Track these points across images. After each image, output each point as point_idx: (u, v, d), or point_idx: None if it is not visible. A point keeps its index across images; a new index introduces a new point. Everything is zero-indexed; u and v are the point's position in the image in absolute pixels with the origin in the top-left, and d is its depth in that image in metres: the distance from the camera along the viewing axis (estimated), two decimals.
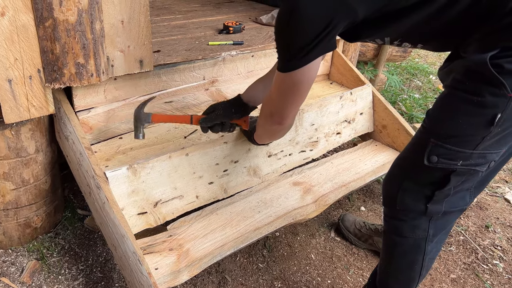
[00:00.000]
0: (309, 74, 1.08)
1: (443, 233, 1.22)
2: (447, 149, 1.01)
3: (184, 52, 1.86)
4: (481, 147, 0.99)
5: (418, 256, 1.23)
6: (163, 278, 1.34)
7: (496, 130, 0.95)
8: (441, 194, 1.10)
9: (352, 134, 2.18)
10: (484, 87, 0.93)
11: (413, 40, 1.11)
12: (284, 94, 1.16)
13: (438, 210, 1.13)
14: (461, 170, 1.04)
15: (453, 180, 1.06)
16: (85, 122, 1.61)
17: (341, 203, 2.13)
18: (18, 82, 1.35)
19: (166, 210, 1.54)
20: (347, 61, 2.32)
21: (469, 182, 1.10)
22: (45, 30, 1.30)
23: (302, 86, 1.12)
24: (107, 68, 1.51)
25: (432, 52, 4.81)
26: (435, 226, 1.17)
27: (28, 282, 1.55)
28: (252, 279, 1.67)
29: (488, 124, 0.94)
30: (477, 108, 0.96)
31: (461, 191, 1.11)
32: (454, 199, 1.12)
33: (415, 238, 1.20)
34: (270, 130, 1.39)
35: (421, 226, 1.17)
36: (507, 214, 2.20)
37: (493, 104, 0.93)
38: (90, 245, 1.75)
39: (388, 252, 1.32)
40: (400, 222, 1.21)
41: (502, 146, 1.02)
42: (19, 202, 1.61)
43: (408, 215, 1.18)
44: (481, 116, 0.96)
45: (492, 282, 1.76)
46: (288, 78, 1.10)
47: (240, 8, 2.87)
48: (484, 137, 0.97)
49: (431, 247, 1.21)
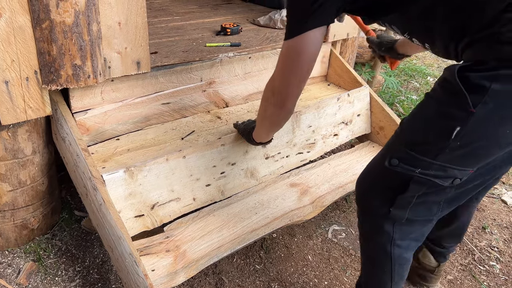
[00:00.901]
0: (308, 46, 1.11)
1: (412, 240, 1.21)
2: (408, 154, 1.02)
3: (182, 53, 1.86)
4: (441, 158, 0.97)
5: (385, 260, 1.23)
6: (160, 279, 1.34)
7: (455, 144, 0.93)
8: (403, 200, 1.10)
9: (349, 135, 2.19)
10: (450, 98, 0.93)
11: (418, 35, 1.10)
12: (285, 67, 1.18)
13: (402, 216, 1.13)
14: (419, 179, 1.03)
15: (412, 187, 1.05)
16: (82, 123, 1.61)
17: (338, 204, 2.14)
18: (15, 83, 1.35)
19: (163, 213, 1.54)
20: (345, 63, 2.33)
21: (435, 196, 1.08)
22: (42, 32, 1.30)
23: (301, 58, 1.13)
24: (104, 69, 1.51)
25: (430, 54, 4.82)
26: (400, 231, 1.17)
27: (24, 283, 1.55)
28: (249, 281, 1.67)
29: (447, 135, 0.93)
30: (439, 118, 0.96)
31: (427, 202, 1.10)
32: (419, 208, 1.11)
33: (381, 241, 1.21)
34: (269, 117, 1.36)
35: (386, 229, 1.18)
36: (503, 215, 2.21)
37: (453, 116, 0.92)
38: (87, 246, 1.75)
39: (362, 254, 1.36)
40: (367, 224, 1.25)
41: (468, 165, 0.99)
42: (16, 204, 1.60)
43: (374, 217, 1.20)
44: (441, 126, 0.95)
45: (489, 283, 1.76)
46: (289, 46, 1.14)
47: (238, 9, 2.88)
48: (442, 148, 0.95)
49: (398, 252, 1.21)
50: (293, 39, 1.11)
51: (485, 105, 0.87)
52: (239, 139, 1.70)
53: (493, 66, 0.86)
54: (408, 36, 1.12)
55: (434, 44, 1.07)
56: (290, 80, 1.18)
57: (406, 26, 1.10)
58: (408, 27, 1.10)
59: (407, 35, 1.12)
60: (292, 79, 1.18)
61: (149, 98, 1.76)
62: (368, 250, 1.31)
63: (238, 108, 2.06)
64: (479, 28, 0.91)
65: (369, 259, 1.33)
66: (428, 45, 1.09)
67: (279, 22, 2.38)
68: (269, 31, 2.33)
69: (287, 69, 1.17)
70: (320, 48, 1.15)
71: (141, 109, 1.75)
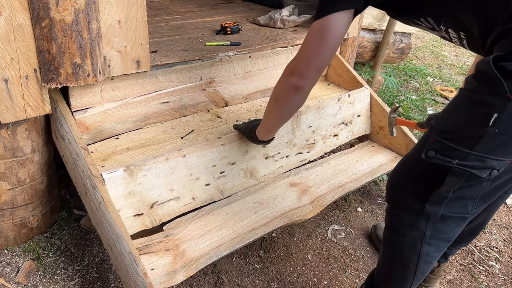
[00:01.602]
0: (332, 28, 1.14)
1: (443, 240, 1.20)
2: (445, 145, 1.01)
3: (182, 52, 1.86)
4: (478, 148, 0.97)
5: (413, 256, 1.23)
6: (159, 278, 1.34)
7: (493, 131, 0.94)
8: (439, 195, 1.09)
9: (349, 136, 2.18)
10: (486, 86, 0.94)
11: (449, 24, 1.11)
12: (308, 47, 1.20)
13: (436, 212, 1.12)
14: (456, 170, 1.02)
15: (449, 180, 1.05)
16: (82, 122, 1.61)
17: (338, 204, 2.13)
18: (14, 81, 1.35)
19: (162, 212, 1.54)
20: (344, 62, 2.33)
21: (471, 191, 1.08)
22: (42, 30, 1.30)
23: (325, 40, 1.16)
24: (104, 68, 1.51)
25: (429, 54, 4.83)
26: (433, 228, 1.16)
27: (23, 282, 1.55)
28: (249, 280, 1.67)
29: (484, 123, 0.93)
30: (475, 106, 0.96)
31: (463, 198, 1.09)
32: (454, 204, 1.10)
33: (411, 236, 1.20)
34: (283, 102, 1.34)
35: (418, 225, 1.17)
36: (503, 215, 2.21)
37: (491, 103, 0.93)
38: (86, 245, 1.74)
39: (385, 248, 1.33)
40: (398, 219, 1.22)
41: (505, 154, 0.98)
42: (15, 202, 1.60)
43: (407, 212, 1.19)
44: (478, 114, 0.95)
45: (488, 283, 1.76)
46: (314, 26, 1.17)
47: (238, 9, 2.88)
48: (481, 137, 0.95)
49: (427, 250, 1.21)
50: (319, 20, 1.15)
51: None
52: (239, 138, 1.70)
53: None
54: (443, 27, 1.12)
55: (471, 34, 1.07)
56: (312, 61, 1.20)
57: (444, 18, 1.11)
58: (445, 18, 1.10)
59: (443, 26, 1.12)
60: (314, 59, 1.20)
61: (149, 97, 1.76)
62: (394, 244, 1.28)
63: (238, 107, 2.05)
64: (507, 18, 0.93)
65: (393, 253, 1.30)
66: (464, 35, 1.09)
67: (279, 22, 2.38)
68: (269, 31, 2.33)
69: (311, 49, 1.19)
70: (345, 33, 1.18)
71: (140, 108, 1.75)
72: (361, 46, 2.85)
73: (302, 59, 1.22)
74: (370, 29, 2.84)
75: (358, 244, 1.90)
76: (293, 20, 2.38)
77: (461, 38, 1.12)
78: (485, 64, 0.93)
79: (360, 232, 1.97)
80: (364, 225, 2.01)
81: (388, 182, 1.27)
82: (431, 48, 5.06)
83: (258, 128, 1.55)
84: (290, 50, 2.17)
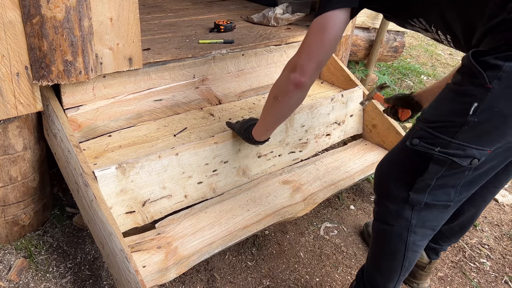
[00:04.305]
0: (330, 25, 1.20)
1: (428, 228, 1.24)
2: (428, 133, 1.06)
3: (174, 50, 1.85)
4: (460, 137, 1.01)
5: (400, 246, 1.26)
6: (151, 275, 1.34)
7: (473, 120, 0.97)
8: (422, 182, 1.13)
9: (341, 135, 2.19)
10: (468, 78, 0.98)
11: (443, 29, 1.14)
12: (308, 43, 1.25)
13: (420, 200, 1.16)
14: (438, 158, 1.06)
15: (432, 168, 1.09)
16: (74, 119, 1.61)
17: (330, 201, 2.14)
18: (5, 79, 1.34)
19: (154, 210, 1.54)
20: (338, 61, 2.33)
21: (454, 179, 1.11)
22: (33, 27, 1.30)
23: (323, 36, 1.21)
24: (96, 65, 1.50)
25: (424, 53, 4.84)
26: (418, 217, 1.20)
27: (15, 280, 1.54)
28: (241, 277, 1.68)
29: (465, 112, 0.97)
30: (459, 97, 1.01)
31: (446, 186, 1.13)
32: (438, 192, 1.14)
33: (398, 226, 1.24)
34: (282, 99, 1.37)
35: (404, 214, 1.21)
36: (494, 213, 2.22)
37: (472, 94, 0.97)
38: (79, 243, 1.74)
39: (374, 240, 1.37)
40: (385, 209, 1.26)
41: (485, 143, 1.02)
42: (7, 200, 1.60)
43: (393, 202, 1.22)
44: (461, 104, 0.99)
45: (479, 280, 1.78)
46: (314, 23, 1.23)
47: (232, 7, 2.87)
48: (462, 126, 0.99)
49: (414, 238, 1.24)
50: (319, 16, 1.21)
51: (500, 80, 0.92)
52: (232, 137, 1.70)
53: (505, 49, 0.92)
54: (434, 29, 1.16)
55: (456, 36, 1.11)
56: (314, 56, 1.24)
57: (434, 19, 1.14)
58: (434, 19, 1.14)
59: (433, 27, 1.16)
60: (315, 54, 1.24)
61: (141, 95, 1.75)
62: (382, 235, 1.32)
63: (231, 105, 2.05)
64: (486, 20, 0.97)
65: (381, 244, 1.34)
66: (450, 37, 1.14)
67: (272, 20, 2.38)
68: (262, 29, 2.33)
69: (312, 44, 1.24)
70: (343, 31, 1.24)
71: (133, 106, 1.75)
72: (355, 44, 2.86)
73: (303, 54, 1.26)
74: (364, 27, 2.85)
75: (350, 242, 1.91)
76: (287, 18, 2.38)
77: (448, 40, 1.16)
78: (466, 58, 0.99)
79: (352, 229, 1.98)
80: (357, 223, 2.02)
81: (376, 172, 1.31)
82: (426, 46, 5.08)
83: (255, 128, 1.55)
84: (284, 48, 2.17)
